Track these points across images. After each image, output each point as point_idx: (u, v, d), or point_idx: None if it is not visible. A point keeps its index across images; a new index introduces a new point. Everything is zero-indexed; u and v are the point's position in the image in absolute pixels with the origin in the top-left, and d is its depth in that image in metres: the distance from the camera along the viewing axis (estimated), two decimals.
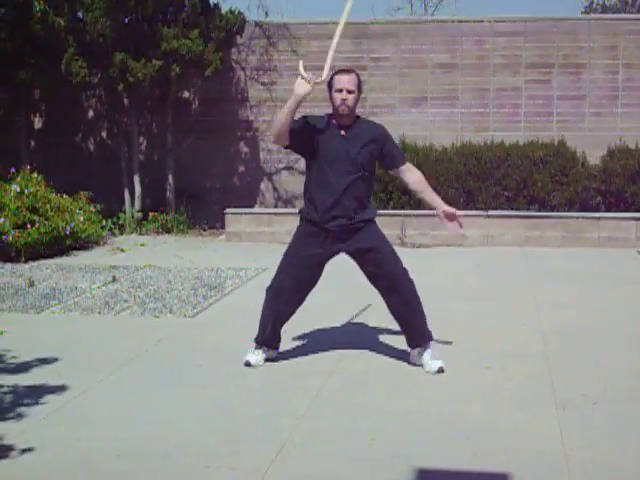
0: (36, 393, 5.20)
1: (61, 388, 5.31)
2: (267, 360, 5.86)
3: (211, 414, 4.87)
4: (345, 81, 5.52)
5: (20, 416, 4.80)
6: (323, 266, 5.79)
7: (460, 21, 13.39)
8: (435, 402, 5.02)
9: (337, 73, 5.61)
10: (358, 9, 51.16)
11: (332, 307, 7.53)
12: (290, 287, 5.72)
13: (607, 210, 11.76)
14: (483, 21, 13.11)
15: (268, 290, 5.82)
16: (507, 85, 13.04)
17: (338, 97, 5.51)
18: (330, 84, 5.59)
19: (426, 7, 29.31)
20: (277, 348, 5.95)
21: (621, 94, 12.82)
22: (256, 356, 5.83)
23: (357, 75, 5.63)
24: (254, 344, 5.88)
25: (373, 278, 5.73)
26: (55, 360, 5.95)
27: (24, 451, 4.27)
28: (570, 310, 7.48)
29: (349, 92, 5.50)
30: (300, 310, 5.90)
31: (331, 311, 7.38)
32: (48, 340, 6.55)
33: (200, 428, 4.63)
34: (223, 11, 12.85)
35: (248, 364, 5.76)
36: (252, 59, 13.63)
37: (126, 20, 12.41)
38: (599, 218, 11.32)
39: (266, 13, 13.93)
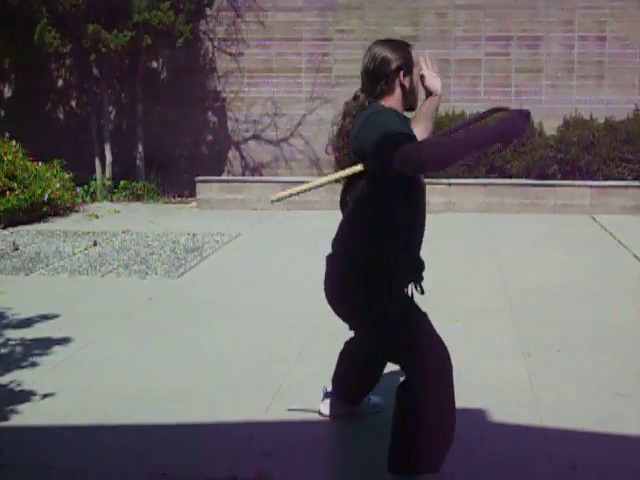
0: (43, 345, 5.60)
1: (65, 340, 5.72)
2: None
3: (210, 362, 5.30)
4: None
5: (33, 365, 5.21)
6: None
7: None
8: None
9: (410, 47, 3.76)
10: None
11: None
12: None
13: (563, 178, 12.30)
14: None
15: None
16: (467, 57, 13.51)
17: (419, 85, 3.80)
18: (406, 66, 3.69)
19: None
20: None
21: (576, 67, 13.35)
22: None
23: None
24: None
25: None
26: (55, 316, 6.34)
27: (45, 396, 4.68)
28: (531, 270, 8.01)
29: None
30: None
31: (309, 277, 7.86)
32: (43, 299, 6.93)
33: (202, 374, 5.07)
34: None
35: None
36: (220, 30, 13.96)
37: None
38: (555, 186, 11.87)
39: None
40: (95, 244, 9.30)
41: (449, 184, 11.93)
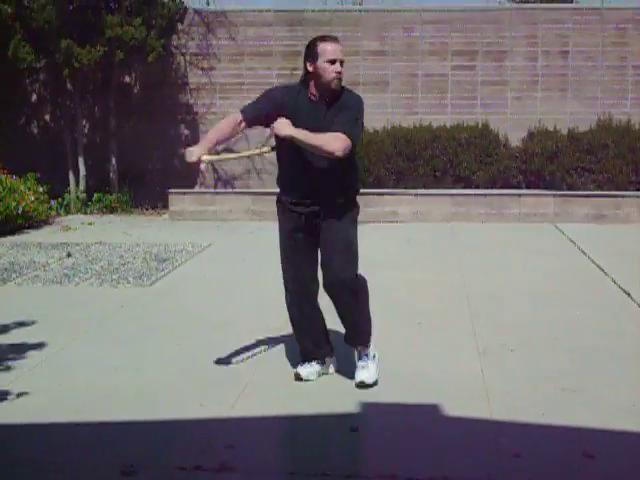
0: (19, 350, 5.81)
1: (41, 345, 5.93)
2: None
3: (179, 363, 5.53)
4: (339, 50, 4.85)
5: (9, 368, 5.42)
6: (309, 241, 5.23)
7: (390, 10, 14.14)
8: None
9: (322, 41, 4.87)
10: None
11: None
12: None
13: (527, 188, 12.62)
14: (412, 11, 13.87)
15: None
16: (434, 71, 13.82)
17: (332, 69, 4.84)
18: (314, 54, 4.83)
19: None
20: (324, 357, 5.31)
21: (540, 79, 13.70)
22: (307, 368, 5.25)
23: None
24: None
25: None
26: (31, 323, 6.55)
27: (20, 395, 4.90)
28: (492, 276, 8.29)
29: (342, 63, 4.87)
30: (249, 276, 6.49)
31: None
32: (18, 307, 7.12)
33: (171, 374, 5.30)
34: None
35: (299, 377, 5.19)
36: (192, 45, 14.20)
37: (70, 8, 12.87)
38: (520, 195, 12.19)
39: (207, 2, 14.44)
40: (69, 255, 9.50)
41: (416, 195, 12.21)
